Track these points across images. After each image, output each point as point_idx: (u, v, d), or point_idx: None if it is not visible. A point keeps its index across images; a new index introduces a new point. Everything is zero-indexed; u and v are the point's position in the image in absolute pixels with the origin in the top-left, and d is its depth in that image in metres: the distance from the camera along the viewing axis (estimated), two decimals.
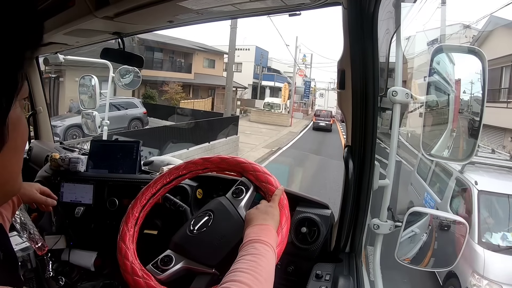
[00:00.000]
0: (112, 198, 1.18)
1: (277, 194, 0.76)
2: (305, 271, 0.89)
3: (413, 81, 6.07)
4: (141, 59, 1.24)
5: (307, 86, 30.23)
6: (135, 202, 0.86)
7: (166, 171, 0.91)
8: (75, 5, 0.87)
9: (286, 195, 0.79)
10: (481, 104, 0.80)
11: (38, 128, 1.83)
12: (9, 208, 0.79)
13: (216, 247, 0.74)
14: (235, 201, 0.79)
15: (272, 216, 0.71)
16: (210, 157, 0.89)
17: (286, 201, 0.77)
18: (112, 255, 0.80)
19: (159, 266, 0.74)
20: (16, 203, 0.82)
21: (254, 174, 0.81)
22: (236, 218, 0.76)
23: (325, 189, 6.64)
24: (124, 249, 0.77)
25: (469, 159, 0.85)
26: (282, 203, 0.76)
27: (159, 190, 0.89)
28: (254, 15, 0.92)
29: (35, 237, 0.95)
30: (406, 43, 8.35)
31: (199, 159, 0.90)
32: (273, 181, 0.79)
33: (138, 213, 0.84)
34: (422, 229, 0.91)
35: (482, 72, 0.78)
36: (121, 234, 0.80)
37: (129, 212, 0.84)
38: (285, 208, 0.76)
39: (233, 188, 0.82)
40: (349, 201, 0.85)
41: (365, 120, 0.80)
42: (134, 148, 1.29)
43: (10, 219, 0.79)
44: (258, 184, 0.80)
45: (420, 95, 0.89)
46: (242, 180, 0.82)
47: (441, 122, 0.90)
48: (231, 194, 0.81)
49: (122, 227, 0.82)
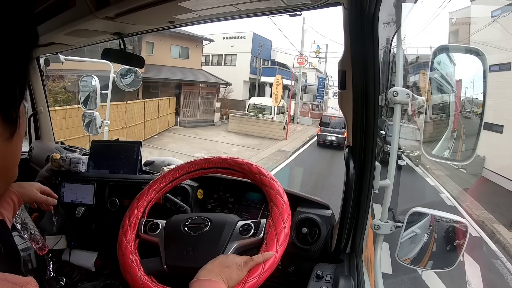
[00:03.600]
0: (113, 198, 1.18)
1: (254, 260, 0.68)
2: (305, 272, 0.89)
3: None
4: (142, 59, 1.25)
5: (321, 84, 21.33)
6: (140, 195, 0.87)
7: (177, 166, 0.92)
8: (76, 6, 0.87)
9: (287, 195, 0.79)
10: (482, 104, 0.80)
11: (39, 128, 1.83)
12: (9, 209, 0.79)
13: (183, 255, 0.75)
14: (237, 235, 0.76)
15: (228, 277, 0.64)
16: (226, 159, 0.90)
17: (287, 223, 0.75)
18: (113, 256, 0.80)
19: (146, 227, 0.81)
20: (17, 203, 0.82)
21: (268, 191, 0.80)
22: (218, 249, 0.74)
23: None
24: (125, 243, 0.77)
25: (469, 160, 0.85)
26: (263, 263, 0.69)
27: (169, 184, 0.91)
28: (254, 15, 0.92)
29: (36, 237, 0.95)
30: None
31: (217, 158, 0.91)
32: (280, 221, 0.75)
33: (143, 207, 0.85)
34: (423, 229, 0.91)
35: (483, 72, 0.78)
36: (123, 228, 0.81)
37: (133, 206, 0.85)
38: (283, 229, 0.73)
39: (250, 221, 0.78)
40: (350, 202, 0.85)
41: (366, 121, 0.80)
42: (134, 149, 1.29)
43: (11, 219, 0.79)
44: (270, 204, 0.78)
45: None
46: (261, 221, 0.77)
47: (441, 123, 0.90)
48: (240, 227, 0.77)
49: (125, 221, 0.82)
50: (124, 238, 0.78)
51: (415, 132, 8.03)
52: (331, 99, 22.62)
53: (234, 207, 1.10)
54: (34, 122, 1.83)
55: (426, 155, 0.90)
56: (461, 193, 7.11)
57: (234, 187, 1.13)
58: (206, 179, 1.11)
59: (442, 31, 21.27)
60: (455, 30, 11.38)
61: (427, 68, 0.83)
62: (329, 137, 12.50)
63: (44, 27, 1.03)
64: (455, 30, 11.40)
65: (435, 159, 0.92)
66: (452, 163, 3.87)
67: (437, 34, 24.95)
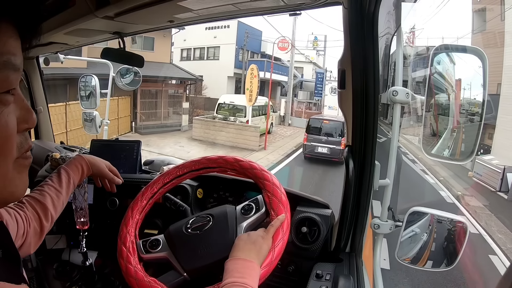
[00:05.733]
0: (113, 198, 1.18)
1: (273, 225, 0.72)
2: (305, 271, 0.89)
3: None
4: (142, 58, 1.25)
5: (320, 80, 17.92)
6: (134, 203, 0.86)
7: (175, 167, 0.91)
8: (76, 5, 0.87)
9: (286, 194, 0.79)
10: (481, 104, 0.80)
11: (39, 128, 1.83)
12: (77, 173, 0.84)
13: (199, 255, 0.74)
14: (240, 217, 0.77)
15: (259, 250, 0.67)
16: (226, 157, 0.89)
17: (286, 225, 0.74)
18: (112, 255, 0.80)
19: (146, 246, 0.78)
20: (86, 171, 0.86)
21: (262, 182, 0.80)
22: (231, 235, 0.74)
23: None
24: (126, 252, 0.77)
25: (469, 159, 0.85)
26: (278, 233, 0.72)
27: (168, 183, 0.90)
28: (254, 14, 0.92)
29: (82, 212, 0.98)
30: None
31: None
32: (281, 200, 0.76)
33: (138, 214, 0.84)
34: (422, 228, 0.91)
35: (483, 72, 0.78)
36: (121, 237, 0.80)
37: (128, 214, 0.84)
38: (280, 231, 0.72)
39: (246, 202, 0.79)
40: (349, 201, 0.85)
41: (366, 120, 0.81)
42: (134, 148, 1.29)
43: (76, 183, 0.84)
44: (265, 197, 0.78)
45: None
46: (258, 198, 0.79)
47: (441, 122, 0.90)
48: (240, 209, 0.79)
49: (122, 229, 0.81)
50: (130, 265, 0.75)
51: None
52: (328, 96, 17.96)
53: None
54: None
55: (426, 154, 0.90)
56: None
57: (234, 186, 1.13)
58: (205, 179, 1.11)
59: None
60: (481, 9, 9.70)
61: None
62: (320, 149, 8.83)
63: (43, 27, 1.03)
64: (480, 9, 9.73)
65: (435, 158, 0.92)
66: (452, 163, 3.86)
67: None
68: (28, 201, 0.73)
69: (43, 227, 0.72)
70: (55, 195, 0.77)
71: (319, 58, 21.40)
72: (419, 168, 8.23)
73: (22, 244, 0.67)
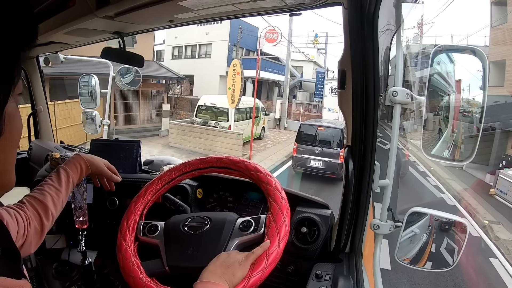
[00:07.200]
0: (112, 197, 1.18)
1: (254, 252, 0.68)
2: (305, 271, 0.89)
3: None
4: (142, 58, 1.25)
5: (320, 80, 16.72)
6: (137, 197, 0.87)
7: (175, 166, 0.92)
8: (76, 5, 0.87)
9: (286, 194, 0.79)
10: (481, 104, 0.80)
11: (39, 128, 1.83)
12: (76, 171, 0.84)
13: (185, 255, 0.74)
14: (237, 231, 0.76)
15: (231, 276, 0.64)
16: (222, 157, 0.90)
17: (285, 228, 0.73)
18: (112, 255, 0.80)
19: (146, 229, 0.81)
20: (84, 170, 0.87)
21: (265, 187, 0.80)
22: (220, 246, 0.74)
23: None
24: (125, 247, 0.77)
25: (469, 160, 0.85)
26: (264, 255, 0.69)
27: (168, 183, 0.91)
28: (254, 14, 0.92)
29: (80, 211, 0.98)
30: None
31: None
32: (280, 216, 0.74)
33: (140, 209, 0.85)
34: (422, 229, 0.91)
35: (483, 72, 0.78)
36: (122, 232, 0.81)
37: (131, 208, 0.85)
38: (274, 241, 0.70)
39: (249, 218, 0.78)
40: (349, 201, 0.85)
41: (365, 120, 0.80)
42: (134, 148, 1.29)
43: (75, 182, 0.85)
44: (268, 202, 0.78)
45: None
46: (261, 217, 0.77)
47: (441, 123, 0.90)
48: (240, 224, 0.77)
49: (123, 224, 0.82)
50: (124, 242, 0.78)
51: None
52: (328, 97, 16.56)
53: (233, 207, 1.10)
54: (34, 121, 1.82)
55: (426, 154, 0.90)
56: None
57: (233, 187, 1.13)
58: (205, 179, 1.11)
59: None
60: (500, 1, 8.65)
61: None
62: (313, 162, 7.15)
63: (43, 26, 1.03)
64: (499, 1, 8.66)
65: (435, 159, 0.92)
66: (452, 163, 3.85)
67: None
68: (29, 201, 0.73)
69: (43, 226, 0.73)
70: (55, 194, 0.77)
71: (320, 57, 20.17)
72: (431, 184, 7.03)
73: (23, 244, 0.67)
